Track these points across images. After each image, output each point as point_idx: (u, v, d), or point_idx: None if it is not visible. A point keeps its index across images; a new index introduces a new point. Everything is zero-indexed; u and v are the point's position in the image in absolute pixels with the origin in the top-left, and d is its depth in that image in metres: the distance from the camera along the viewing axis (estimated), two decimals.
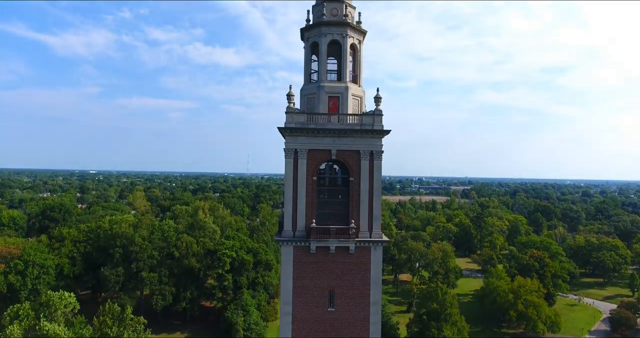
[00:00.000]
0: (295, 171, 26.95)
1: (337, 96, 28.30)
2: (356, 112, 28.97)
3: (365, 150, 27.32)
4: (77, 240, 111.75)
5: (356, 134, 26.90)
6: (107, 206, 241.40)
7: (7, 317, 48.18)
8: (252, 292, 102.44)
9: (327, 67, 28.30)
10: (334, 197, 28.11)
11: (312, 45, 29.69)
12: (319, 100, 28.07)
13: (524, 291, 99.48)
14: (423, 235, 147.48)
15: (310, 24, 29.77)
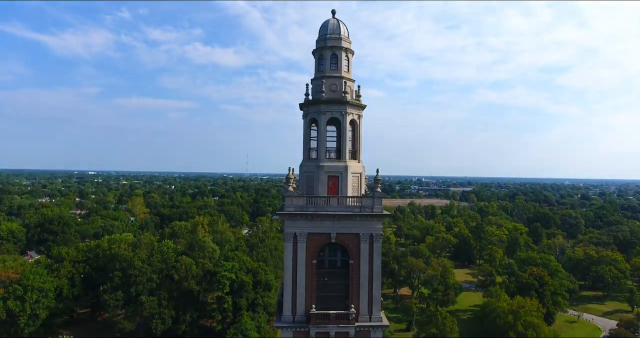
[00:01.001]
0: (294, 254, 26.85)
1: (337, 176, 28.17)
2: (356, 189, 28.85)
3: (365, 233, 27.24)
4: (76, 260, 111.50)
5: (356, 218, 26.81)
6: (106, 215, 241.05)
7: None
8: (251, 314, 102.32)
9: (326, 146, 28.13)
10: (333, 279, 27.98)
11: (311, 121, 29.55)
12: (318, 180, 27.92)
13: (524, 312, 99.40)
14: (422, 250, 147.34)
15: (309, 99, 29.59)
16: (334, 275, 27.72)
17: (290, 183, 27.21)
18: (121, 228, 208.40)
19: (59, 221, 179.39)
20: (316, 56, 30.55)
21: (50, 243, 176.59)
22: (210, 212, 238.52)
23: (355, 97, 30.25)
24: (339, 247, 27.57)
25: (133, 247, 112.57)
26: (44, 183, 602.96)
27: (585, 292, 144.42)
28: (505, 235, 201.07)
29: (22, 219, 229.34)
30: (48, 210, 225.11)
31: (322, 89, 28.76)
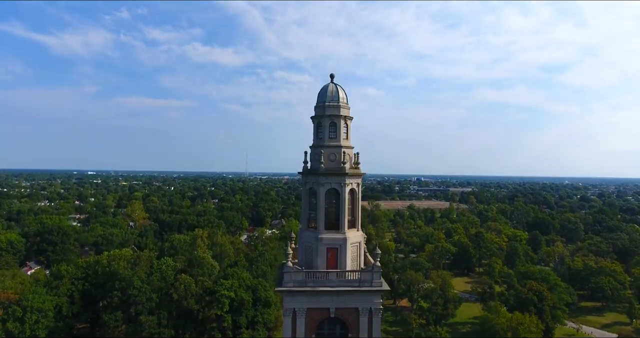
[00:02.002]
0: (293, 329, 26.86)
1: (336, 248, 28.15)
2: (355, 259, 28.80)
3: (364, 308, 27.24)
4: (75, 277, 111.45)
5: (355, 293, 26.82)
6: (106, 222, 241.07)
7: None
8: (251, 331, 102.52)
9: (324, 218, 28.06)
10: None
11: (310, 190, 29.48)
12: (317, 253, 27.88)
13: (523, 329, 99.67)
14: (422, 262, 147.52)
15: (309, 168, 29.50)
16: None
17: (289, 258, 27.15)
18: (120, 237, 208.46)
19: (58, 231, 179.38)
20: (315, 122, 30.42)
21: (49, 254, 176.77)
22: (209, 219, 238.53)
23: (353, 164, 30.14)
24: (338, 320, 27.57)
25: (132, 264, 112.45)
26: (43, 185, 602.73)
27: (585, 303, 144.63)
28: (505, 243, 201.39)
29: (21, 227, 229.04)
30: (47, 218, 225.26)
31: (321, 159, 28.66)
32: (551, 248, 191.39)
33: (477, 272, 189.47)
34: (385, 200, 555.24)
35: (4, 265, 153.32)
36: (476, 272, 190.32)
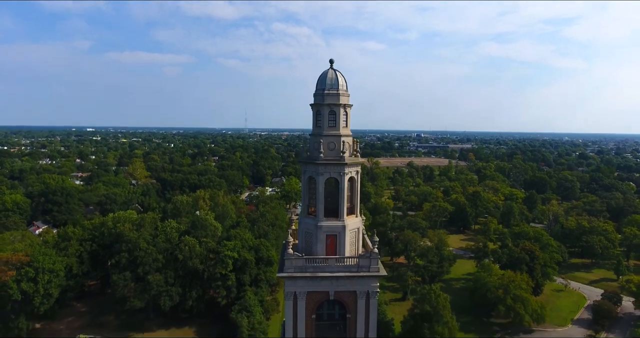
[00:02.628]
0: (295, 311, 28.56)
1: (335, 234, 29.16)
2: (353, 244, 29.93)
3: (361, 291, 28.74)
4: (82, 239, 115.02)
5: (353, 278, 28.21)
6: (108, 181, 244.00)
7: None
8: (254, 288, 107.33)
9: (324, 205, 28.81)
10: (332, 329, 29.87)
11: (310, 178, 30.00)
12: (317, 239, 28.95)
13: (513, 286, 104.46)
14: (419, 222, 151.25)
15: (308, 158, 29.81)
16: (332, 326, 29.65)
17: (290, 245, 28.31)
18: (123, 196, 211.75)
19: (61, 192, 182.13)
20: (314, 110, 30.31)
21: (55, 214, 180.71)
22: (210, 178, 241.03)
23: (353, 151, 30.45)
24: (337, 302, 29.24)
25: (137, 226, 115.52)
26: (43, 143, 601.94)
27: (575, 260, 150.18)
28: (501, 202, 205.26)
29: (25, 186, 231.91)
30: (50, 177, 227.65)
31: (320, 148, 28.93)
32: (546, 207, 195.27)
33: (473, 230, 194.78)
34: (384, 157, 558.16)
35: (12, 226, 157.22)
36: (472, 230, 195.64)
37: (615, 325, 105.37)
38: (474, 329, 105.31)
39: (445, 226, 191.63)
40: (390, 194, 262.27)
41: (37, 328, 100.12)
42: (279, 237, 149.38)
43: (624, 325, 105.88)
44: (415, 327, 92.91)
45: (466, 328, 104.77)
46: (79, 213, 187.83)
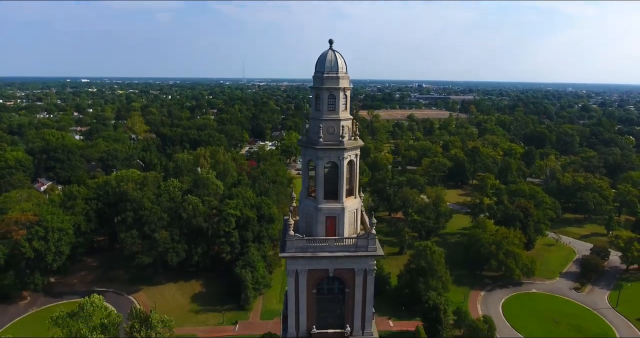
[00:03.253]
0: (297, 287, 30.39)
1: (334, 216, 30.23)
2: (352, 224, 31.08)
3: (359, 269, 30.34)
4: (88, 197, 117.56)
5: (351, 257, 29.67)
6: (108, 136, 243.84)
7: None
8: (257, 244, 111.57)
9: (323, 189, 29.57)
10: (331, 303, 31.87)
11: (309, 162, 30.50)
12: (317, 221, 30.07)
13: (506, 242, 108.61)
14: (418, 179, 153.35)
15: (307, 142, 30.08)
16: (332, 300, 31.71)
17: (291, 227, 29.52)
18: (124, 152, 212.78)
19: (62, 149, 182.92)
20: (313, 93, 30.11)
21: (58, 171, 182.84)
22: (210, 134, 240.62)
23: (352, 134, 30.69)
24: (336, 278, 31.04)
25: (140, 185, 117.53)
26: (39, 95, 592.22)
27: (568, 215, 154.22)
28: (500, 157, 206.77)
29: (25, 143, 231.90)
30: (49, 133, 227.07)
31: (320, 133, 29.19)
32: (544, 162, 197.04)
33: (471, 185, 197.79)
34: (385, 109, 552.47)
35: (17, 183, 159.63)
36: (469, 185, 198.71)
37: (601, 278, 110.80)
38: (466, 282, 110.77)
39: (443, 181, 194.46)
40: (390, 148, 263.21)
41: (52, 283, 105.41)
42: (279, 194, 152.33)
43: (609, 278, 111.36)
44: (411, 280, 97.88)
45: (459, 281, 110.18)
46: (82, 170, 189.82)
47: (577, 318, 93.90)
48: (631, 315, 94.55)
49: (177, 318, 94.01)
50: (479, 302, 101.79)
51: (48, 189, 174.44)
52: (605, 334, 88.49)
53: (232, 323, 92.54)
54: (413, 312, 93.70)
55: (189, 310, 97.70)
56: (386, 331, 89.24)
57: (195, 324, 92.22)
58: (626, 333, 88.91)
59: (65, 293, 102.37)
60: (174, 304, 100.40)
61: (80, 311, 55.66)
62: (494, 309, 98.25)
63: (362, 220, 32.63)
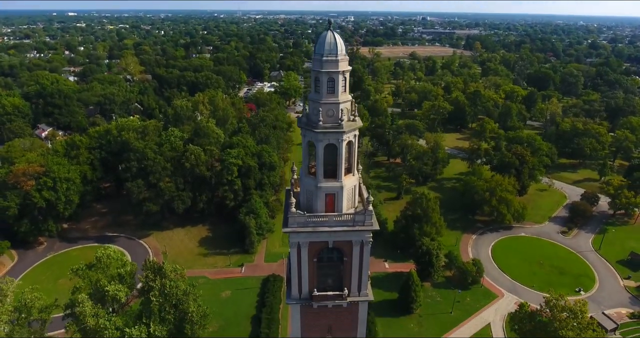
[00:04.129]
0: (299, 256, 33.05)
1: (333, 194, 31.92)
2: (350, 199, 32.90)
3: (357, 240, 32.70)
4: (91, 147, 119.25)
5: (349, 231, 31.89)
6: (103, 78, 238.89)
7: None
8: (259, 192, 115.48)
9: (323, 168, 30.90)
10: (331, 269, 34.73)
11: (309, 142, 31.49)
12: (317, 197, 31.83)
13: (500, 189, 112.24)
14: (417, 125, 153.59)
15: (308, 122, 30.78)
16: (331, 266, 34.63)
17: (292, 205, 31.45)
18: (122, 96, 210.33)
19: (59, 94, 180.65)
20: (313, 75, 30.22)
21: (57, 116, 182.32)
22: (207, 76, 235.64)
23: (350, 114, 31.35)
24: (335, 249, 33.63)
25: (141, 134, 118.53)
26: (26, 32, 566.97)
27: (563, 160, 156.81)
28: (501, 100, 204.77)
29: (19, 86, 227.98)
30: (44, 77, 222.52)
31: (319, 116, 29.93)
32: (545, 105, 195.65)
33: (470, 128, 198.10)
34: (386, 46, 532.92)
35: (18, 131, 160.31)
36: (469, 128, 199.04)
37: (588, 223, 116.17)
38: (459, 226, 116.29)
39: (443, 124, 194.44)
40: (391, 89, 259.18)
41: (66, 229, 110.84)
42: (279, 139, 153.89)
43: (596, 223, 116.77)
44: (406, 226, 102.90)
45: (453, 225, 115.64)
46: (81, 115, 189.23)
47: (560, 260, 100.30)
48: (611, 258, 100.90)
49: (187, 261, 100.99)
50: (470, 245, 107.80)
51: (49, 135, 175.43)
52: (586, 275, 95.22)
53: (238, 265, 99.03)
54: (407, 255, 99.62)
55: (198, 254, 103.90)
56: (382, 272, 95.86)
57: (204, 267, 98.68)
58: (604, 274, 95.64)
59: (79, 239, 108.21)
60: (182, 248, 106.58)
61: (98, 263, 59.99)
62: (484, 252, 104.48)
63: (360, 193, 34.62)
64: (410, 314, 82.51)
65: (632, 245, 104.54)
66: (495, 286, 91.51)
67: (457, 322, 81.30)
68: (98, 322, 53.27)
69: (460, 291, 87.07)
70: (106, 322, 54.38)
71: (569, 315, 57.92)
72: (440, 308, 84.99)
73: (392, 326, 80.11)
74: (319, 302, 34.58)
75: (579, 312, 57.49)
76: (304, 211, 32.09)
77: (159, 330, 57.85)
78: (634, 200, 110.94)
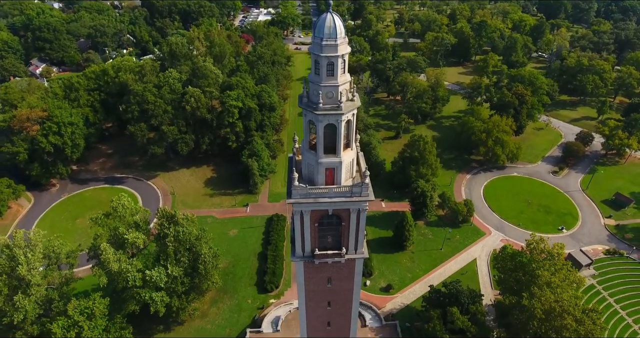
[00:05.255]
0: (302, 222, 36.38)
1: (333, 168, 34.11)
2: (349, 171, 35.09)
3: (354, 209, 35.65)
4: (89, 89, 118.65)
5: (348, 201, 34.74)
6: (90, 7, 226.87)
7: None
8: (260, 133, 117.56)
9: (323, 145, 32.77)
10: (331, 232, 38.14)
11: (310, 121, 32.85)
12: (317, 171, 34.10)
13: (497, 130, 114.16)
14: (419, 61, 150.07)
15: (308, 103, 31.82)
16: (331, 229, 38.13)
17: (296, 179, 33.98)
18: (112, 27, 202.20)
19: (47, 28, 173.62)
20: (312, 58, 30.48)
21: (48, 52, 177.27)
22: (200, 4, 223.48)
23: (349, 94, 32.33)
24: (335, 215, 36.83)
25: (139, 75, 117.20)
26: None
27: (564, 97, 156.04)
28: (508, 30, 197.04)
29: (3, 17, 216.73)
30: (28, 7, 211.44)
31: (319, 98, 31.01)
32: (553, 36, 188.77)
33: (474, 62, 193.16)
34: None
35: (11, 67, 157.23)
36: (472, 62, 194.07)
37: (579, 163, 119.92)
38: (454, 165, 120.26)
39: (445, 57, 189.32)
40: (394, 17, 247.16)
41: (75, 170, 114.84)
42: (278, 75, 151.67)
43: (587, 163, 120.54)
44: (403, 167, 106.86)
45: (448, 165, 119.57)
46: (73, 50, 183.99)
47: (548, 199, 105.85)
48: (597, 197, 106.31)
49: (195, 202, 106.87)
50: (464, 184, 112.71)
51: (43, 72, 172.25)
52: (570, 214, 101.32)
53: (243, 205, 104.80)
54: (403, 194, 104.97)
55: (204, 194, 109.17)
56: (379, 211, 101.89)
57: (212, 206, 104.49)
58: (588, 213, 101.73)
59: (90, 180, 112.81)
60: (189, 188, 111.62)
61: (114, 212, 64.49)
62: (476, 191, 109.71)
63: (358, 163, 37.09)
64: (404, 251, 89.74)
65: (619, 185, 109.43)
66: (484, 224, 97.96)
67: (446, 257, 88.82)
68: (121, 266, 59.13)
69: (450, 230, 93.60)
70: (128, 265, 60.33)
71: (546, 257, 63.90)
72: (432, 245, 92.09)
73: (386, 261, 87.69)
74: (320, 259, 38.96)
75: (556, 255, 63.33)
76: (306, 182, 34.95)
77: (176, 271, 64.35)
78: (627, 141, 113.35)
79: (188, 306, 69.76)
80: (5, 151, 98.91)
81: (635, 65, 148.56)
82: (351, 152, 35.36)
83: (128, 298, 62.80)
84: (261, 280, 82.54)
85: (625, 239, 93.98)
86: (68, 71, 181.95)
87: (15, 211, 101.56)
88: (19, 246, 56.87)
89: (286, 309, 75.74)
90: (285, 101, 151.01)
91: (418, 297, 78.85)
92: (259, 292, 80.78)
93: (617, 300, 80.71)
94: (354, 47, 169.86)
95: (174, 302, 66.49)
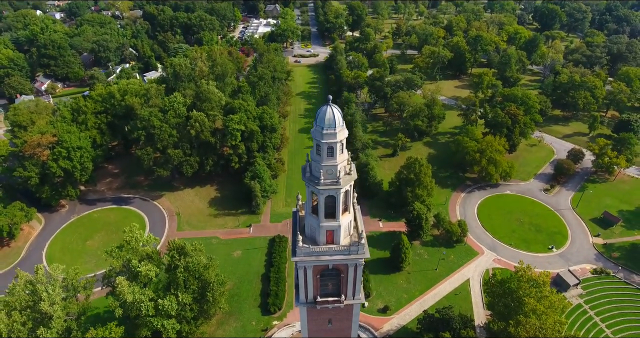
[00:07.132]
0: (305, 275, 40.77)
1: (333, 230, 38.39)
2: (347, 231, 39.47)
3: (352, 263, 40.02)
4: (96, 112, 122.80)
5: (345, 258, 39.08)
6: (92, 19, 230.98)
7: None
8: (262, 154, 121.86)
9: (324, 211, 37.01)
10: (331, 281, 42.60)
11: (312, 192, 37.14)
12: (319, 233, 38.43)
13: (490, 150, 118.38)
14: (416, 80, 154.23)
15: (311, 178, 36.07)
16: (331, 279, 42.51)
17: (300, 241, 38.33)
18: (115, 41, 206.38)
19: (52, 45, 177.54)
20: (314, 142, 34.75)
21: (53, 68, 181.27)
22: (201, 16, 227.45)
23: (346, 170, 36.53)
24: (334, 268, 41.20)
25: (145, 98, 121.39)
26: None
27: (557, 112, 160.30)
28: (503, 43, 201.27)
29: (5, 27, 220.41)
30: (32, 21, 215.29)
31: (320, 175, 35.26)
32: (547, 49, 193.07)
33: (469, 75, 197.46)
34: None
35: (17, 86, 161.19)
36: (468, 75, 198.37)
37: (570, 180, 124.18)
38: (449, 184, 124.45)
39: (442, 70, 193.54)
40: (391, 28, 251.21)
41: (84, 191, 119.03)
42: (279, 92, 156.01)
43: (578, 180, 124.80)
44: (399, 188, 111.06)
45: (443, 183, 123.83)
46: (77, 65, 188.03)
47: (539, 218, 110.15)
48: (586, 215, 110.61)
49: (199, 222, 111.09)
50: (459, 203, 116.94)
51: (49, 88, 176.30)
52: (560, 232, 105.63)
53: (246, 226, 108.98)
54: (400, 214, 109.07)
55: (208, 214, 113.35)
56: (377, 231, 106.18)
57: (216, 227, 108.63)
58: (577, 232, 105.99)
59: (98, 201, 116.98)
60: (194, 208, 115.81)
61: (127, 244, 68.75)
62: (470, 210, 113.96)
63: (355, 220, 41.40)
64: (400, 271, 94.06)
65: (608, 203, 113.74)
66: (478, 244, 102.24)
67: (440, 277, 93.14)
68: (135, 297, 63.43)
69: (445, 252, 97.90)
70: (141, 296, 64.61)
71: (532, 284, 68.27)
72: (427, 265, 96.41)
73: (383, 282, 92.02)
74: (321, 305, 43.36)
75: (542, 283, 67.71)
76: (309, 240, 39.40)
77: (186, 298, 68.67)
78: (615, 160, 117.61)
79: (196, 330, 74.10)
80: (18, 175, 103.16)
81: (626, 81, 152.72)
82: (349, 215, 39.69)
83: (141, 325, 67.16)
84: (265, 302, 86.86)
85: (612, 258, 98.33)
86: (73, 87, 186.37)
87: (27, 233, 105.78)
88: (41, 281, 61.09)
89: (289, 331, 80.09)
90: (285, 118, 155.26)
91: (413, 318, 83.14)
92: (263, 314, 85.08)
93: (603, 318, 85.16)
94: (353, 63, 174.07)
95: (183, 328, 70.85)
